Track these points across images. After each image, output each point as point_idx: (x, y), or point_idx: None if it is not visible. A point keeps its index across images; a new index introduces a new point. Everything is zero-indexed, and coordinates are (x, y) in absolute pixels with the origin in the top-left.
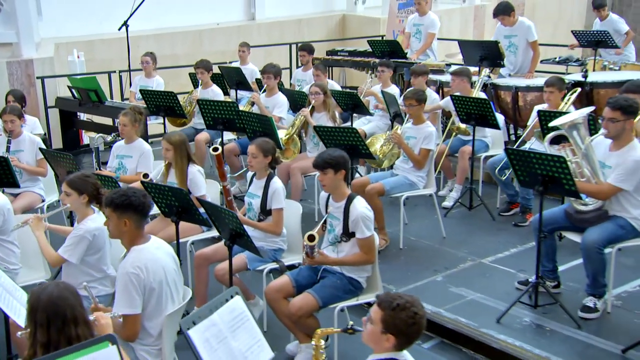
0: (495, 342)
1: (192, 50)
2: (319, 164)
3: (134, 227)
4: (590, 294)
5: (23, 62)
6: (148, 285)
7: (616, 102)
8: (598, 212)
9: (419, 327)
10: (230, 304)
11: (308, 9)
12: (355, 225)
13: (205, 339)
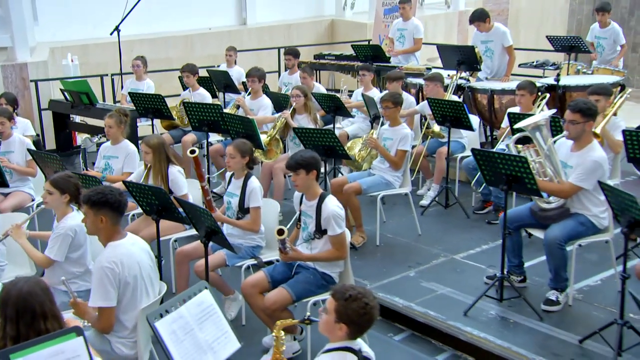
0: (461, 334)
1: (185, 54)
2: (291, 165)
3: (110, 223)
4: (553, 287)
5: (17, 65)
6: (123, 279)
7: (576, 105)
8: (560, 210)
9: (370, 317)
10: (197, 298)
11: (298, 14)
12: (327, 222)
13: (172, 331)
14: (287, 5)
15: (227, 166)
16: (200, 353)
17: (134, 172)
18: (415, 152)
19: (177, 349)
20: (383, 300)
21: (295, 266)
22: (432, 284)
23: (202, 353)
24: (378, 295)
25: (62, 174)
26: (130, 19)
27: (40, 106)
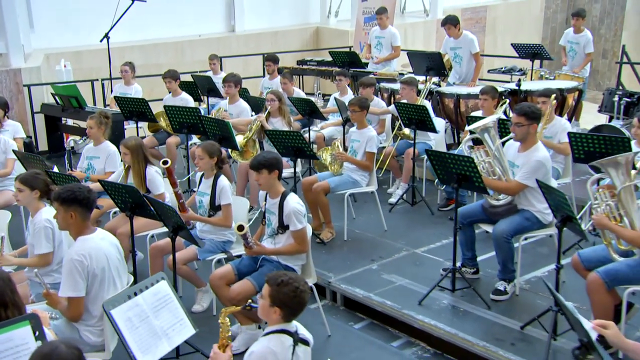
0: (415, 322)
1: (175, 60)
2: (254, 166)
3: (79, 219)
4: (501, 278)
5: (12, 71)
6: (91, 271)
7: (521, 108)
8: (508, 206)
9: (301, 300)
10: (154, 288)
11: (284, 21)
12: (288, 218)
13: (127, 318)
14: (274, 13)
15: (197, 167)
16: (155, 339)
17: (115, 172)
18: (385, 152)
19: (132, 335)
20: (345, 291)
21: (260, 260)
22: (392, 275)
23: (156, 339)
24: (341, 286)
25: (30, 171)
26: (123, 26)
27: (33, 109)
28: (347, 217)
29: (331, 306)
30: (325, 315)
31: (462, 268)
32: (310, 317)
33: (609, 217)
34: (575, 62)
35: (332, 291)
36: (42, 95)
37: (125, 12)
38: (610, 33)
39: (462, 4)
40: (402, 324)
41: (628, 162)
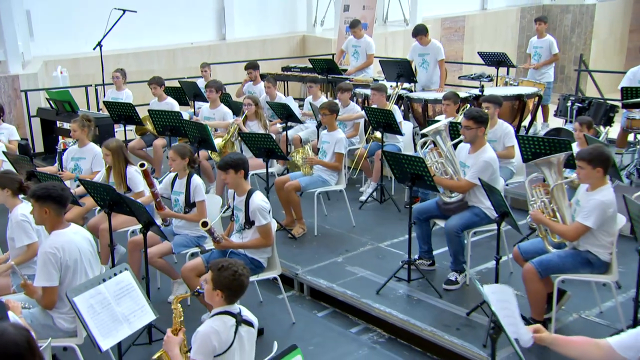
0: (372, 310)
1: (168, 67)
2: (221, 166)
3: (53, 214)
4: (453, 270)
5: (10, 77)
6: (64, 262)
7: (470, 113)
8: (459, 203)
9: (240, 283)
10: (117, 278)
11: (273, 30)
12: (254, 215)
13: (89, 305)
14: (262, 22)
15: (171, 168)
16: (116, 323)
17: (100, 171)
18: (358, 154)
19: (93, 320)
20: (310, 282)
21: (229, 253)
22: (355, 268)
23: (118, 323)
24: (307, 278)
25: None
26: (118, 35)
27: (29, 113)
28: (319, 214)
29: (298, 296)
30: (292, 304)
31: (419, 260)
32: (277, 306)
33: (543, 213)
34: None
35: (299, 282)
36: (38, 100)
37: (116, 22)
38: (580, 41)
39: (441, 14)
40: (361, 312)
41: (560, 162)
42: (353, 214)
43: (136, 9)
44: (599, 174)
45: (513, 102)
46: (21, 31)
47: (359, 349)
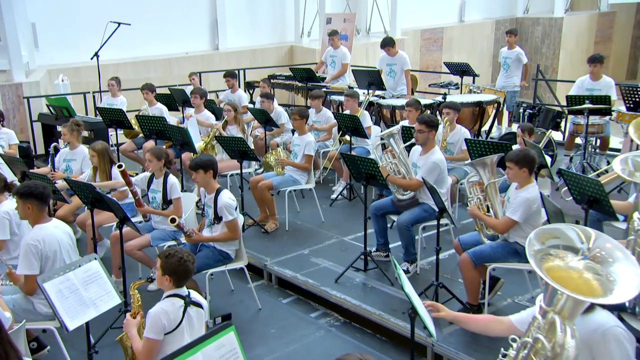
0: (330, 296)
1: (164, 75)
2: (191, 166)
3: (35, 210)
4: (405, 260)
5: (14, 85)
6: (44, 253)
7: (422, 118)
8: (411, 200)
9: (186, 268)
10: (86, 266)
11: (262, 40)
12: (221, 211)
13: (58, 290)
14: (253, 33)
15: (148, 168)
16: (83, 307)
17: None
18: (330, 155)
19: (61, 303)
20: (277, 272)
21: (199, 245)
22: (319, 259)
23: (85, 307)
24: (274, 268)
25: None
26: (117, 45)
27: (32, 119)
28: (291, 211)
29: (267, 285)
30: (261, 292)
31: (376, 252)
32: (246, 294)
33: (479, 208)
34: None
35: (268, 272)
36: (40, 106)
37: (111, 34)
38: (550, 52)
39: (421, 26)
40: (321, 299)
41: (493, 163)
42: (324, 211)
43: (134, 20)
44: (525, 173)
45: (474, 108)
46: (26, 42)
47: (316, 331)
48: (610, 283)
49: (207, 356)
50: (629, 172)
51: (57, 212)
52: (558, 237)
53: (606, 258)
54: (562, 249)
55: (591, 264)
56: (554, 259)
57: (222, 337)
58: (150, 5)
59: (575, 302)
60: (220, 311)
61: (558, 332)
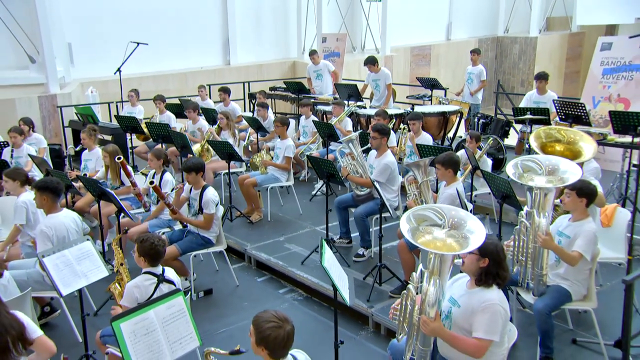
0: (296, 276)
1: (180, 87)
2: (185, 169)
3: (50, 201)
4: (362, 246)
5: (50, 96)
6: (54, 238)
7: (375, 126)
8: (367, 195)
9: (156, 251)
10: (80, 245)
11: (268, 56)
12: (205, 204)
13: (55, 264)
14: (260, 50)
15: (150, 166)
16: (76, 278)
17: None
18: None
19: (57, 274)
20: (255, 255)
21: (186, 232)
22: (292, 245)
23: (77, 278)
24: (252, 252)
25: (13, 168)
26: (140, 61)
27: (64, 125)
28: (275, 204)
29: (247, 266)
30: (241, 272)
31: (339, 239)
32: (227, 273)
33: (416, 203)
34: (472, 87)
35: (248, 256)
36: (71, 114)
37: (131, 52)
38: (526, 67)
39: (410, 43)
40: (288, 278)
41: (425, 165)
42: (304, 205)
43: (156, 39)
44: (450, 173)
45: (439, 117)
46: (63, 59)
47: (282, 304)
48: (465, 240)
49: (159, 313)
50: (519, 175)
51: (76, 204)
52: (425, 220)
53: (460, 223)
54: (429, 226)
55: (451, 232)
56: (424, 234)
57: (172, 300)
58: (169, 26)
59: (441, 259)
60: (204, 287)
61: (424, 283)
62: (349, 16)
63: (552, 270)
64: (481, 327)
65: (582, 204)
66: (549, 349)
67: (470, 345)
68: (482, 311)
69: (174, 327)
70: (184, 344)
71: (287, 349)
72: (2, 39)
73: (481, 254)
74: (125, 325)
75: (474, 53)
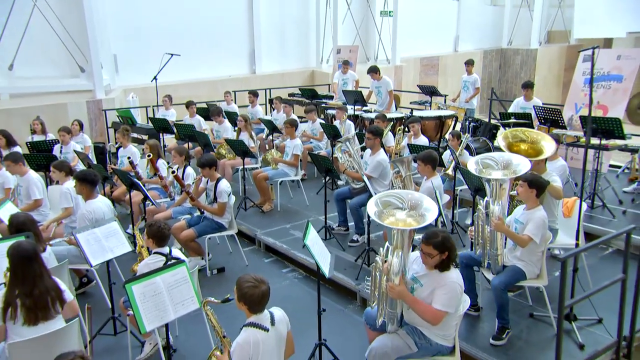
0: (297, 257)
1: (211, 93)
2: (200, 164)
3: (88, 190)
4: (356, 232)
5: (96, 101)
6: (93, 219)
7: (369, 128)
8: (362, 188)
9: (162, 234)
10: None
11: (290, 65)
12: (219, 194)
13: (86, 239)
14: (283, 59)
15: (174, 162)
16: (103, 252)
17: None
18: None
19: (88, 248)
20: (264, 240)
21: (202, 217)
22: (296, 231)
23: (104, 251)
24: (262, 237)
25: (59, 160)
26: (176, 69)
27: (107, 125)
28: (285, 197)
29: (257, 249)
30: (250, 254)
31: (338, 227)
32: (238, 255)
33: None
34: (466, 95)
35: (257, 240)
36: (114, 116)
37: (166, 63)
38: (526, 76)
39: (419, 54)
40: (291, 259)
41: (408, 161)
42: (311, 197)
43: (190, 51)
44: (429, 168)
45: (436, 121)
46: (109, 69)
47: (284, 281)
48: (422, 217)
49: (165, 279)
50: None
51: (114, 193)
52: (389, 205)
53: (417, 203)
54: (392, 209)
55: (411, 212)
56: (388, 216)
57: (177, 269)
58: (201, 39)
59: (401, 234)
60: (218, 265)
61: (389, 255)
62: (363, 29)
63: (511, 253)
64: (440, 301)
65: (532, 194)
66: (504, 320)
67: (428, 312)
68: (443, 287)
69: (178, 291)
70: (186, 305)
71: (262, 305)
72: (58, 51)
73: (440, 250)
74: (136, 288)
75: (468, 64)
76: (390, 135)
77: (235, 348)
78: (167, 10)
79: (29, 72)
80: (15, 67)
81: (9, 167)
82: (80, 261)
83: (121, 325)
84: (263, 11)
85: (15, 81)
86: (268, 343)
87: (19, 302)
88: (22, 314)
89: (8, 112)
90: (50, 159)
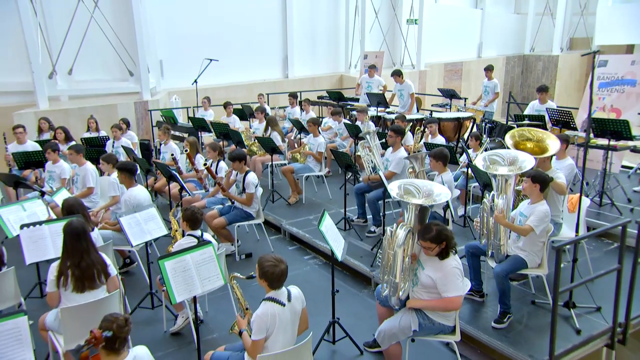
0: (319, 246)
1: (246, 95)
2: (231, 158)
3: (128, 179)
4: (374, 224)
5: (143, 102)
6: (132, 206)
7: (392, 127)
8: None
9: (195, 218)
10: (147, 210)
11: (320, 70)
12: (247, 186)
13: (128, 223)
14: (313, 64)
15: (208, 157)
16: (143, 234)
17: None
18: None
19: (129, 230)
20: (288, 229)
21: (232, 207)
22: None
23: (144, 234)
24: (287, 227)
25: (107, 154)
26: (215, 74)
27: (152, 124)
28: (310, 191)
29: (282, 238)
30: (276, 242)
31: (357, 219)
32: (265, 242)
33: None
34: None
35: (283, 229)
36: (158, 116)
37: (205, 67)
38: (548, 81)
39: (444, 60)
40: (313, 247)
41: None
42: (334, 192)
43: (227, 56)
44: (440, 165)
45: (454, 122)
46: (155, 73)
47: (305, 267)
48: (435, 200)
49: (194, 257)
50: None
51: (155, 185)
52: (409, 192)
53: (430, 191)
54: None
55: (425, 197)
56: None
57: (204, 249)
58: (238, 45)
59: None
60: (246, 251)
61: (397, 229)
62: (390, 35)
63: (514, 244)
64: (450, 288)
65: (536, 189)
66: (506, 305)
67: (448, 303)
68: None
69: (205, 269)
70: (212, 281)
71: (281, 282)
72: (110, 58)
73: (437, 242)
74: (169, 264)
75: (487, 70)
76: (409, 134)
77: (255, 319)
78: (207, 19)
79: (85, 76)
80: (74, 72)
81: (71, 156)
82: (123, 243)
83: (157, 300)
84: (296, 19)
85: (73, 84)
86: (284, 317)
87: (69, 272)
88: (71, 282)
89: (67, 112)
90: (101, 153)
